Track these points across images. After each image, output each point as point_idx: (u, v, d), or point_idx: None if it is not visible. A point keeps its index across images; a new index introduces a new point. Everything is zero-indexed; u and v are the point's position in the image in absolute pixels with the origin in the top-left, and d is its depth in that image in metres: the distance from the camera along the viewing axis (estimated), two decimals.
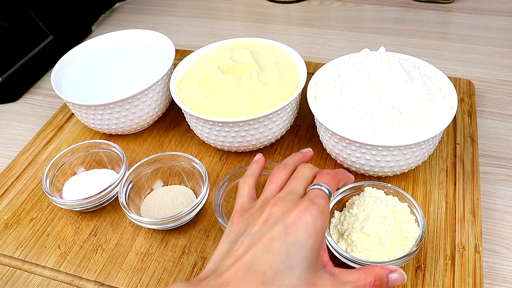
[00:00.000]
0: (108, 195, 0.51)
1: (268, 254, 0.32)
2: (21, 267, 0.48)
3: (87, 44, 0.66)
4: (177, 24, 0.90)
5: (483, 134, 0.59)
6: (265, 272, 0.31)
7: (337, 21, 0.86)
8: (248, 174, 0.41)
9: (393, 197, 0.45)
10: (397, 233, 0.42)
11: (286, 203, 0.35)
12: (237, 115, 0.51)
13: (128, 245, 0.49)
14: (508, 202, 0.51)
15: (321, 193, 0.36)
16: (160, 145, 0.61)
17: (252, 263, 0.32)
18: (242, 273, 0.31)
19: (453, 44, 0.76)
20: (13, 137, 0.68)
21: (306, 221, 0.33)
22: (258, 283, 0.31)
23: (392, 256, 0.41)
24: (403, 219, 0.43)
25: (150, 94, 0.58)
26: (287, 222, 0.33)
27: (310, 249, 0.33)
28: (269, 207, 0.35)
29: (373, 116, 0.47)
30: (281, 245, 0.32)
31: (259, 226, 0.34)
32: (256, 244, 0.33)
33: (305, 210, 0.34)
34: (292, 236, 0.33)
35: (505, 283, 0.44)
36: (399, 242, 0.42)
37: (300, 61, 0.58)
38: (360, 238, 0.42)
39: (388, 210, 0.43)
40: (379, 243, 0.41)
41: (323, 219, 0.34)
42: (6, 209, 0.54)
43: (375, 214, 0.43)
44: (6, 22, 0.80)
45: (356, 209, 0.44)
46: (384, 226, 0.42)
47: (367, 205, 0.44)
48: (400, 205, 0.44)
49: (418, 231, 0.43)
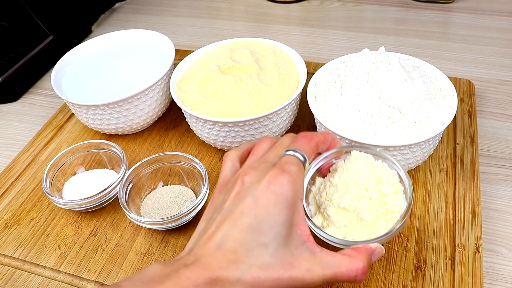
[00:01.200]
0: (108, 195, 0.51)
1: (238, 231, 0.30)
2: (21, 267, 0.48)
3: (87, 44, 0.66)
4: (177, 24, 0.90)
5: (483, 134, 0.59)
6: (236, 250, 0.29)
7: (337, 21, 0.86)
8: (235, 148, 0.38)
9: (382, 162, 0.39)
10: (380, 207, 0.37)
11: (257, 172, 0.32)
12: (237, 115, 0.51)
13: (128, 245, 0.49)
14: (508, 202, 0.51)
15: (293, 159, 0.32)
16: (160, 145, 0.61)
17: (223, 241, 0.30)
18: (213, 251, 0.30)
19: (453, 44, 0.76)
20: (13, 137, 0.68)
21: (275, 192, 0.30)
22: (228, 261, 0.29)
23: (373, 232, 0.37)
24: (389, 190, 0.37)
25: (150, 94, 0.58)
26: (256, 194, 0.30)
27: (283, 224, 0.30)
28: (240, 178, 0.32)
29: (373, 116, 0.47)
30: (251, 220, 0.30)
31: (231, 200, 0.32)
32: (227, 220, 0.30)
33: (275, 180, 0.30)
34: (262, 210, 0.30)
35: (505, 283, 0.44)
36: (382, 217, 0.37)
37: (300, 61, 0.58)
38: (337, 213, 0.37)
39: (372, 181, 0.37)
40: (358, 219, 0.37)
41: (295, 188, 0.31)
42: (6, 209, 0.54)
43: (356, 186, 0.37)
44: (6, 22, 0.80)
45: (337, 178, 0.38)
46: (365, 200, 0.37)
47: (349, 173, 0.38)
48: (389, 173, 0.38)
49: (405, 205, 0.37)
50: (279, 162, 0.32)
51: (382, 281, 0.43)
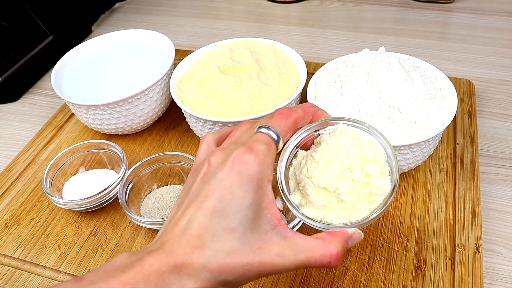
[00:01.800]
0: (108, 195, 0.51)
1: (202, 215, 0.28)
2: (21, 267, 0.48)
3: (87, 44, 0.66)
4: (177, 24, 0.90)
5: (483, 134, 0.59)
6: (201, 236, 0.28)
7: (337, 21, 0.86)
8: (211, 132, 0.36)
9: (370, 138, 0.36)
10: (363, 188, 0.34)
11: (224, 153, 0.30)
12: (237, 115, 0.51)
13: (128, 245, 0.49)
14: (508, 202, 0.51)
15: (263, 136, 0.30)
16: (160, 145, 0.61)
17: (188, 225, 0.28)
18: (177, 237, 0.28)
19: (453, 44, 0.76)
20: (13, 137, 0.68)
21: (240, 173, 0.28)
22: (193, 247, 0.28)
23: (353, 215, 0.34)
24: (374, 171, 0.34)
25: (150, 94, 0.58)
26: (220, 175, 0.29)
27: (250, 207, 0.28)
28: (207, 159, 0.31)
29: (373, 116, 0.47)
30: (215, 204, 0.28)
31: (198, 182, 0.30)
32: (192, 204, 0.29)
33: (240, 159, 0.29)
34: (227, 192, 0.28)
35: (505, 283, 0.44)
36: (365, 199, 0.34)
37: (300, 61, 0.58)
38: (317, 193, 0.34)
39: (357, 159, 0.34)
40: (338, 200, 0.34)
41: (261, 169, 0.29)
42: (6, 209, 0.54)
43: (339, 164, 0.34)
44: (6, 22, 0.80)
45: (319, 153, 0.35)
46: (346, 180, 0.34)
47: (333, 149, 0.35)
48: (376, 151, 0.35)
49: (390, 188, 0.35)
50: (248, 140, 0.30)
51: (382, 281, 0.43)
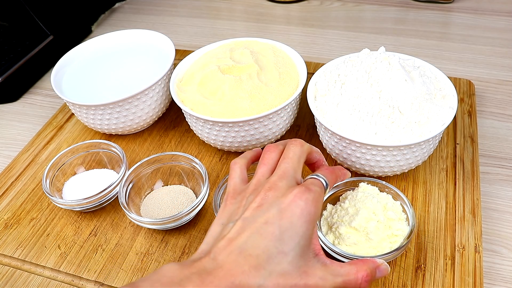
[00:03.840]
0: (108, 195, 0.51)
1: (261, 238, 0.32)
2: (21, 267, 0.48)
3: (87, 44, 0.66)
4: (177, 24, 0.90)
5: (483, 134, 0.59)
6: (258, 256, 0.31)
7: (337, 21, 0.86)
8: (240, 156, 0.41)
9: (387, 194, 0.46)
10: (386, 230, 0.42)
11: (280, 188, 0.35)
12: (237, 115, 0.51)
13: (128, 245, 0.49)
14: (508, 202, 0.51)
15: (317, 181, 0.36)
16: (160, 145, 0.61)
17: (245, 246, 0.31)
18: (235, 256, 0.31)
19: (453, 44, 0.76)
20: (13, 137, 0.68)
21: (300, 207, 0.33)
22: (251, 267, 0.31)
23: (379, 252, 0.41)
24: (393, 216, 0.43)
25: (150, 94, 0.58)
26: (281, 206, 0.33)
27: (303, 236, 0.33)
28: (263, 191, 0.35)
29: (373, 116, 0.47)
30: (274, 230, 0.32)
31: (253, 210, 0.34)
32: (250, 228, 0.32)
33: (301, 196, 0.33)
34: (286, 221, 0.32)
35: (505, 283, 0.44)
36: (388, 239, 0.42)
37: (300, 61, 0.58)
38: (348, 232, 0.42)
39: (380, 207, 0.43)
40: (367, 238, 0.42)
41: (317, 206, 0.34)
42: (6, 209, 0.54)
43: (366, 209, 0.43)
44: (6, 22, 0.80)
45: (347, 203, 0.44)
46: (373, 222, 0.42)
47: (359, 200, 0.44)
48: (393, 203, 0.44)
49: (408, 230, 0.43)
50: (305, 182, 0.36)
51: (382, 281, 0.43)
